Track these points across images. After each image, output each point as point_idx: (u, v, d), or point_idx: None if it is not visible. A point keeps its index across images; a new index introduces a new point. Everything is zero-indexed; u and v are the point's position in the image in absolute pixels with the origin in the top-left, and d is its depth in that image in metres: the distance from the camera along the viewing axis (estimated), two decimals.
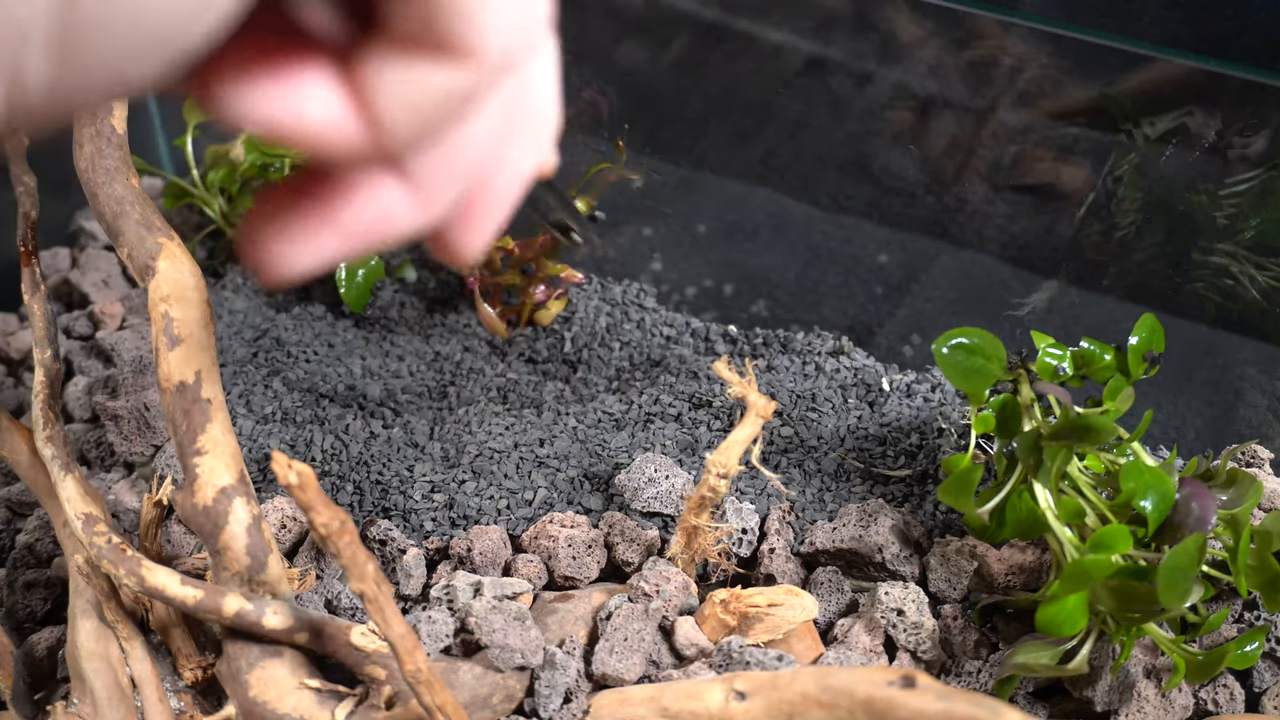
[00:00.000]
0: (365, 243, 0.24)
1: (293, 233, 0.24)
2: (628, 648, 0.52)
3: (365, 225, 0.24)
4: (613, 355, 0.77)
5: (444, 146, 0.24)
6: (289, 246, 0.24)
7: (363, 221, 0.24)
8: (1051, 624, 0.48)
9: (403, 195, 0.24)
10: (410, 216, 0.24)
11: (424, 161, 0.24)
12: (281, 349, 0.76)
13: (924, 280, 0.78)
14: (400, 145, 0.22)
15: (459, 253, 0.27)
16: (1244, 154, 0.64)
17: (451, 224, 0.27)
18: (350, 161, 0.23)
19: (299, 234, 0.24)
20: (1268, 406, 0.69)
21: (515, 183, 0.27)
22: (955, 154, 0.73)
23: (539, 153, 0.27)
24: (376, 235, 0.24)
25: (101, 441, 0.68)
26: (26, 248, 0.61)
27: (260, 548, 0.49)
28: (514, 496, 0.63)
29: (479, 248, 0.27)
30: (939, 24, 0.70)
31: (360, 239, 0.24)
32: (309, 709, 0.48)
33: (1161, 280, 0.70)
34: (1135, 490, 0.50)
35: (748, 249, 0.82)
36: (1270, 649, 0.56)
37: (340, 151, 0.22)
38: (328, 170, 0.23)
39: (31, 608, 0.60)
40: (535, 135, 0.27)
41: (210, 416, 0.51)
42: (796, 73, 0.76)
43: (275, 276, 0.24)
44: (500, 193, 0.27)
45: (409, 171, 0.24)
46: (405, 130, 0.22)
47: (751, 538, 0.61)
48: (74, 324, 0.79)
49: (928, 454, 0.66)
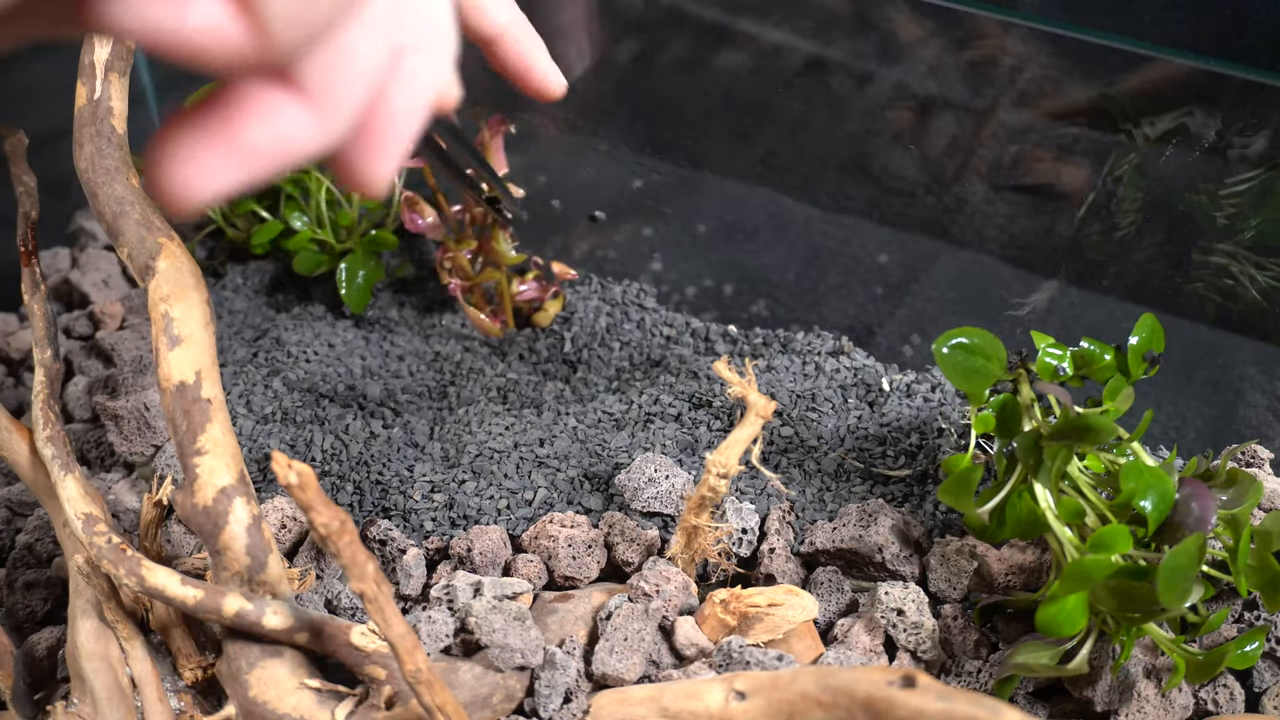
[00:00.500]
0: (268, 164, 0.24)
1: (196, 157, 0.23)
2: (628, 648, 0.52)
3: (266, 145, 0.23)
4: (613, 355, 0.77)
5: (335, 53, 0.23)
6: (193, 171, 0.23)
7: (263, 141, 0.23)
8: (1051, 624, 0.48)
9: (301, 112, 0.23)
10: (311, 135, 0.24)
11: (317, 72, 0.23)
12: (281, 349, 0.76)
13: (924, 280, 0.78)
14: (287, 47, 0.22)
15: (365, 181, 0.26)
16: (1244, 154, 0.64)
17: (353, 147, 0.26)
18: (237, 72, 0.22)
19: (202, 158, 0.23)
20: (1268, 406, 0.69)
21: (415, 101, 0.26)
22: (955, 154, 0.73)
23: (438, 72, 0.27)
24: (278, 156, 0.24)
25: (101, 441, 0.68)
26: (26, 248, 0.61)
27: (260, 548, 0.49)
28: (514, 496, 0.63)
29: (385, 175, 0.26)
30: (939, 24, 0.70)
31: (262, 160, 0.23)
32: (309, 709, 0.48)
33: (1161, 280, 0.70)
34: (1135, 490, 0.50)
35: (748, 249, 0.82)
36: (1270, 649, 0.56)
37: (226, 61, 0.21)
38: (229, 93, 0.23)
39: (31, 608, 0.60)
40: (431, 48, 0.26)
41: (210, 416, 0.51)
42: (796, 73, 0.76)
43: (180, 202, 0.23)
44: (400, 111, 0.26)
45: (304, 85, 0.23)
46: (291, 30, 0.21)
47: (751, 538, 0.61)
48: (74, 324, 0.79)
49: (928, 454, 0.66)
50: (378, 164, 0.26)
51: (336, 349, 0.77)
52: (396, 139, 0.26)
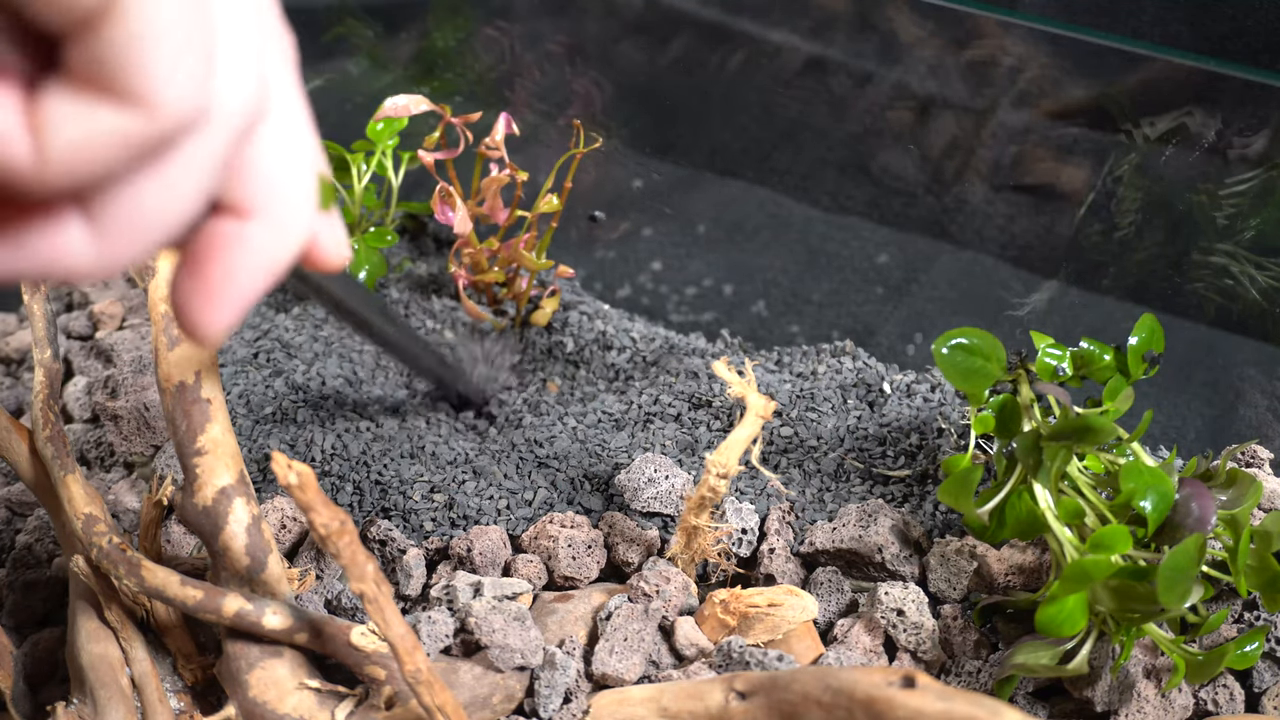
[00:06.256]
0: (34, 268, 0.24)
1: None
2: (628, 648, 0.52)
3: (38, 252, 0.24)
4: (613, 355, 0.77)
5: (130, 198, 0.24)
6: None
7: (35, 247, 0.24)
8: (1051, 624, 0.48)
9: (83, 236, 0.24)
10: (86, 258, 0.24)
11: (110, 208, 0.24)
12: (282, 349, 0.76)
13: (924, 280, 0.78)
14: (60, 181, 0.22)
15: (197, 328, 0.28)
16: (1244, 154, 0.64)
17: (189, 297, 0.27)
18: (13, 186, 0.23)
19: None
20: (1268, 406, 0.69)
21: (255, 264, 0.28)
22: (955, 154, 0.73)
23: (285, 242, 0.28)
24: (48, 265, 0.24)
25: (101, 441, 0.68)
26: None
27: (260, 548, 0.49)
28: (514, 496, 0.63)
29: (217, 326, 0.28)
30: (939, 24, 0.70)
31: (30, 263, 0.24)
32: (309, 709, 0.48)
33: (1161, 280, 0.70)
34: (1135, 490, 0.50)
35: (748, 249, 0.82)
36: (1270, 649, 0.56)
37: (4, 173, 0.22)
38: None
39: (31, 608, 0.60)
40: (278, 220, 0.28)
41: (210, 416, 0.51)
42: (796, 73, 0.76)
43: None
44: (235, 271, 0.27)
45: (95, 215, 0.24)
46: (69, 165, 0.22)
47: (751, 538, 0.61)
48: (74, 324, 0.79)
49: (928, 454, 0.66)
50: (212, 317, 0.28)
51: (336, 349, 0.77)
52: (233, 296, 0.28)
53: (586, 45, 0.83)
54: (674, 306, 0.82)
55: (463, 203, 0.73)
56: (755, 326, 0.79)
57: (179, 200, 0.25)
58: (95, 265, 0.24)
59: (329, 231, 0.32)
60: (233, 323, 0.28)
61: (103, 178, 0.23)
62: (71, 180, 0.22)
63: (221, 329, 0.28)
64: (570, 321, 0.79)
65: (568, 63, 0.84)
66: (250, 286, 0.28)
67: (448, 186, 0.72)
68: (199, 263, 0.27)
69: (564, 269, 0.79)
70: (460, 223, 0.73)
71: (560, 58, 0.84)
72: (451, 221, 0.73)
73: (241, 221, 0.27)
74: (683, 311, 0.81)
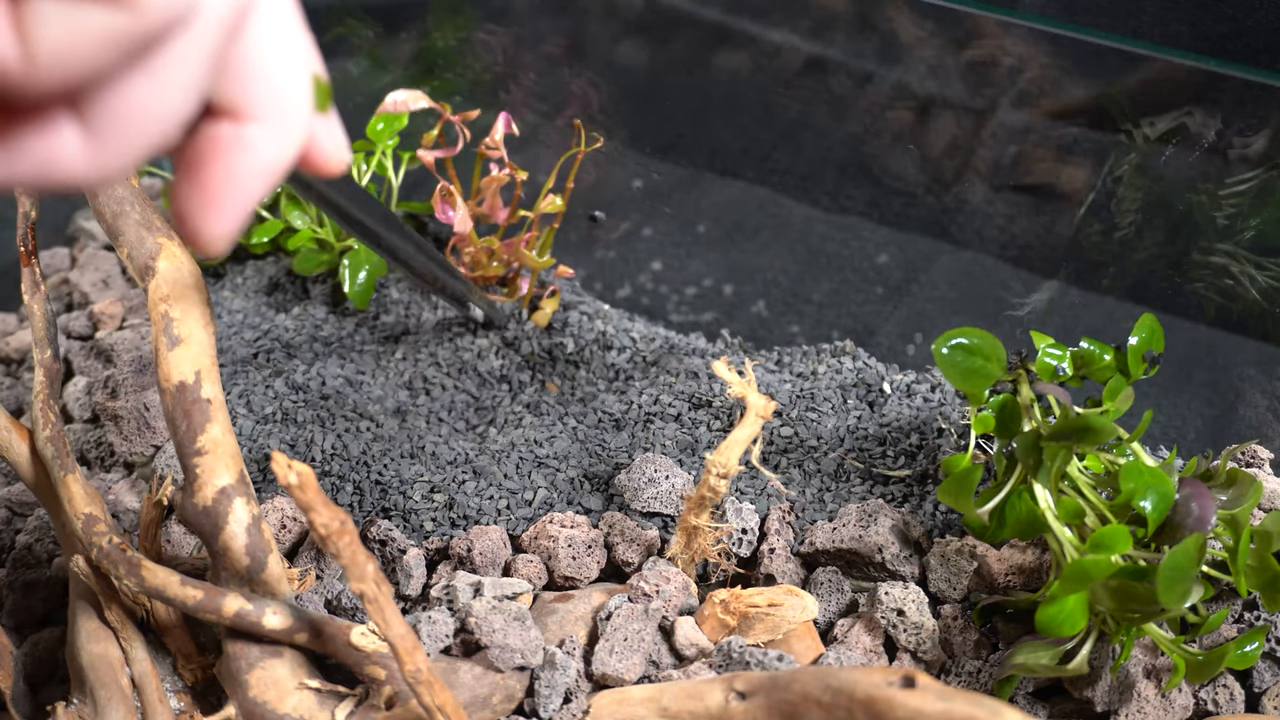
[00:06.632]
0: (30, 174, 0.24)
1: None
2: (628, 648, 0.52)
3: (33, 157, 0.24)
4: (613, 355, 0.77)
5: (122, 99, 0.24)
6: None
7: (30, 152, 0.24)
8: (1051, 624, 0.48)
9: (78, 141, 0.24)
10: (82, 163, 0.24)
11: (104, 110, 0.24)
12: (282, 349, 0.76)
13: (924, 280, 0.78)
14: (50, 81, 0.22)
15: (201, 236, 0.27)
16: (1244, 154, 0.64)
17: (191, 205, 0.27)
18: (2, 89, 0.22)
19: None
20: (1268, 406, 0.69)
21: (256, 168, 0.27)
22: (955, 154, 0.73)
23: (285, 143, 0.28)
24: (44, 170, 0.24)
25: (101, 441, 0.68)
26: (26, 248, 0.61)
27: (260, 548, 0.49)
28: (514, 496, 0.63)
29: (221, 233, 0.27)
30: (939, 24, 0.70)
31: (26, 169, 0.24)
32: (309, 709, 0.48)
33: (1161, 280, 0.70)
34: (1135, 490, 0.50)
35: (748, 249, 0.82)
36: (1270, 649, 0.56)
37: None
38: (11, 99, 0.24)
39: (31, 608, 0.60)
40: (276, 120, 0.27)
41: (210, 416, 0.51)
42: (796, 73, 0.76)
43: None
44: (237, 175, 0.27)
45: (88, 118, 0.24)
46: (57, 65, 0.22)
47: (751, 538, 0.61)
48: (74, 324, 0.79)
49: (928, 454, 0.66)
50: (214, 223, 0.27)
51: (336, 348, 0.77)
52: (234, 201, 0.27)
53: (586, 45, 0.83)
54: (674, 306, 0.82)
55: (463, 202, 0.73)
56: (755, 326, 0.79)
57: (171, 99, 0.24)
58: (91, 169, 0.24)
59: (328, 134, 0.32)
60: (235, 229, 0.27)
61: (92, 78, 0.23)
62: (61, 80, 0.22)
63: (223, 235, 0.27)
64: (570, 322, 0.79)
65: (567, 63, 0.84)
66: (250, 190, 0.28)
67: (448, 186, 0.72)
68: (198, 168, 0.27)
69: (564, 269, 0.79)
70: (460, 222, 0.73)
71: (560, 58, 0.84)
72: (452, 221, 0.73)
73: (238, 124, 0.27)
74: (683, 311, 0.81)
